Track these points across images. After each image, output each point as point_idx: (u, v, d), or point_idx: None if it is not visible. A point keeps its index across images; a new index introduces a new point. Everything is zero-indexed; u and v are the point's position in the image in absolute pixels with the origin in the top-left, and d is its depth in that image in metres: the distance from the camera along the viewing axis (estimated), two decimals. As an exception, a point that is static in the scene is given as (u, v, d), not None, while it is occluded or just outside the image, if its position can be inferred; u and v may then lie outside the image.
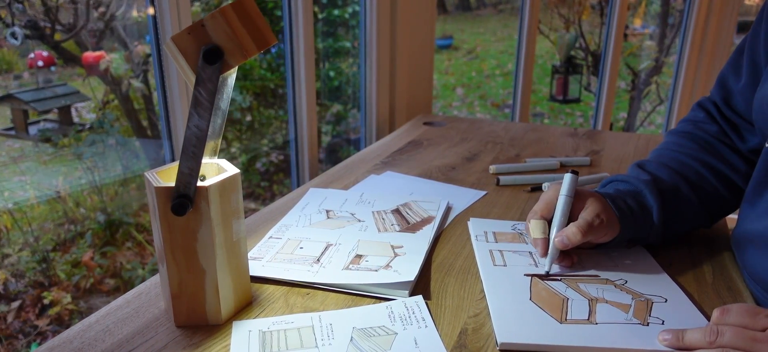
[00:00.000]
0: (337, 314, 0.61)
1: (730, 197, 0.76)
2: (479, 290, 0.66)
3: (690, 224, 0.77)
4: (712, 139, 0.79)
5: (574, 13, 3.65)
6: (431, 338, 0.58)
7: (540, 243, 0.69)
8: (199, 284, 0.58)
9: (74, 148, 1.94)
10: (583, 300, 0.63)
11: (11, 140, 1.88)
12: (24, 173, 1.82)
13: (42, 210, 1.84)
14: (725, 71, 0.80)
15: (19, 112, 1.87)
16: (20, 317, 1.69)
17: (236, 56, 0.51)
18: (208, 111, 0.51)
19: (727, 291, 0.66)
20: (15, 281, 1.72)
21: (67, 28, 1.90)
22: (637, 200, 0.72)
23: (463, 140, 1.26)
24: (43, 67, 2.14)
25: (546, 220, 0.71)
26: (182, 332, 0.58)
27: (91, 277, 1.89)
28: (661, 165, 0.77)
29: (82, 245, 1.90)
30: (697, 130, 0.81)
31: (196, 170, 0.53)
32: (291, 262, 0.70)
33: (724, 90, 0.80)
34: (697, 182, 0.75)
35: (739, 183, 0.76)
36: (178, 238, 0.56)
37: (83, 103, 2.06)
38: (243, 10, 0.51)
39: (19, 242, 1.74)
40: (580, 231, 0.66)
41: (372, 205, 0.88)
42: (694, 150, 0.78)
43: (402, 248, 0.74)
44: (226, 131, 2.30)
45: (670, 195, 0.73)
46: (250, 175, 2.51)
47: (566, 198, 0.69)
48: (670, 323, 0.59)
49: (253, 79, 2.48)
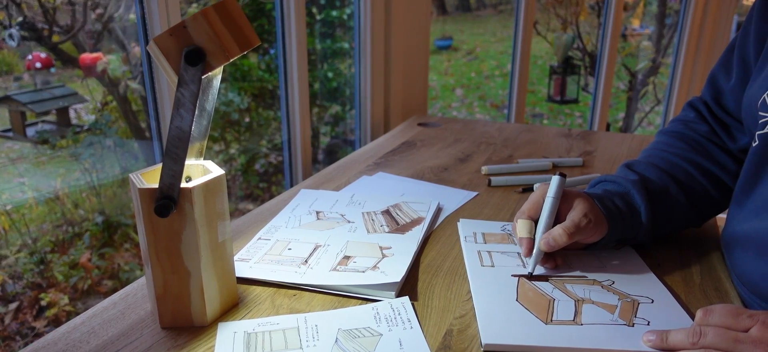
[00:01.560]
0: (322, 316, 0.61)
1: (720, 197, 0.76)
2: (466, 291, 0.66)
3: (679, 223, 0.76)
4: (702, 138, 0.78)
5: (571, 14, 3.65)
6: (416, 339, 0.58)
7: (525, 243, 0.69)
8: (184, 286, 0.58)
9: (72, 149, 1.94)
10: (569, 301, 0.63)
11: (9, 142, 1.88)
12: (22, 175, 1.82)
13: (40, 211, 1.84)
14: (716, 70, 0.80)
15: (17, 113, 1.87)
16: (18, 319, 1.70)
17: (218, 57, 0.51)
18: (191, 112, 0.51)
19: (714, 292, 0.66)
20: (13, 282, 1.72)
21: (64, 30, 1.90)
22: (625, 200, 0.72)
23: (457, 141, 1.26)
24: (41, 69, 2.15)
25: (532, 220, 0.71)
26: (167, 334, 0.58)
27: (89, 278, 1.89)
28: (649, 165, 0.77)
29: (80, 247, 1.91)
30: (687, 129, 0.80)
31: (179, 172, 0.53)
32: (279, 263, 0.70)
33: (714, 89, 0.80)
34: (686, 182, 0.75)
35: (729, 183, 0.76)
36: (162, 239, 0.56)
37: (82, 104, 2.06)
38: (225, 12, 0.51)
39: (18, 244, 1.74)
40: (566, 233, 0.66)
41: (362, 206, 0.88)
42: (684, 150, 0.78)
43: (390, 249, 0.74)
44: (226, 133, 2.30)
45: (659, 195, 0.73)
46: (248, 176, 2.51)
47: (553, 200, 0.69)
48: (655, 324, 0.59)
49: (251, 80, 2.48)
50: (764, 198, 0.64)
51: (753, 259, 0.64)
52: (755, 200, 0.66)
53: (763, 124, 0.64)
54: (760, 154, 0.65)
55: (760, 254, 0.63)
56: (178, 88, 0.51)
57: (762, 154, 0.65)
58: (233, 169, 2.48)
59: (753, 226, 0.65)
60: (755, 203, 0.66)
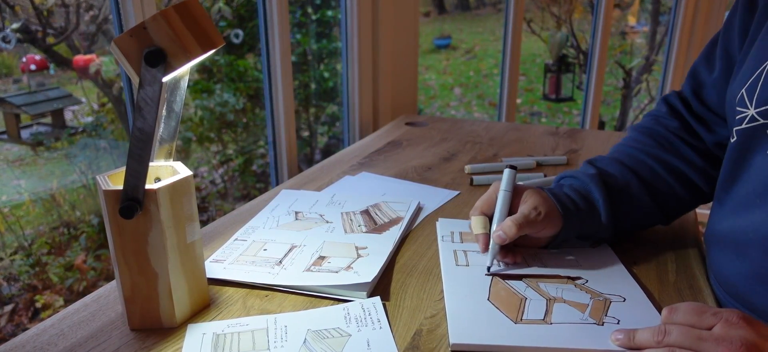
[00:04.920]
0: (293, 317, 0.61)
1: (686, 196, 0.75)
2: (439, 290, 0.66)
3: (642, 221, 0.76)
4: (671, 135, 0.77)
5: (565, 12, 3.64)
6: (384, 339, 0.57)
7: (481, 239, 0.70)
8: (151, 287, 0.58)
9: (66, 151, 1.94)
10: (541, 300, 0.62)
11: (7, 144, 1.88)
12: (18, 177, 1.83)
13: (37, 212, 1.85)
14: (698, 63, 0.79)
15: (12, 116, 1.88)
16: (13, 321, 1.70)
17: (180, 58, 0.51)
18: (152, 113, 0.51)
19: (688, 290, 0.66)
20: (8, 285, 1.72)
21: (59, 32, 1.90)
22: (583, 195, 0.72)
23: (443, 140, 1.26)
24: (35, 71, 2.15)
25: (487, 216, 0.71)
26: (135, 336, 0.58)
27: (84, 280, 1.89)
28: (613, 161, 0.76)
29: (75, 248, 1.91)
30: (657, 125, 0.80)
31: (143, 173, 0.53)
32: (253, 264, 0.70)
33: (695, 82, 0.78)
34: (650, 180, 0.74)
35: (697, 181, 0.75)
36: (128, 241, 0.56)
37: (77, 106, 2.06)
38: (186, 12, 0.51)
39: (13, 246, 1.74)
40: (515, 225, 0.66)
41: (342, 206, 0.88)
42: (651, 147, 0.77)
43: (366, 249, 0.74)
44: (223, 133, 2.31)
45: (619, 192, 0.73)
46: (245, 177, 2.51)
47: (505, 193, 0.69)
48: (626, 322, 0.58)
49: (247, 80, 2.48)
50: (742, 196, 0.63)
51: (730, 259, 0.63)
52: (733, 198, 0.65)
53: (741, 120, 0.63)
54: (738, 150, 0.64)
55: (736, 254, 0.62)
56: (139, 90, 0.51)
57: (740, 151, 0.64)
58: (230, 170, 2.48)
59: (730, 224, 0.64)
60: (733, 201, 0.65)
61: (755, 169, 0.61)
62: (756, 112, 0.61)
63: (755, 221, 0.59)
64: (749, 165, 0.62)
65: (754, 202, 0.60)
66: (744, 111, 0.63)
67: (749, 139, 0.62)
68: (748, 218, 0.61)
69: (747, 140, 0.62)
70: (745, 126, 0.62)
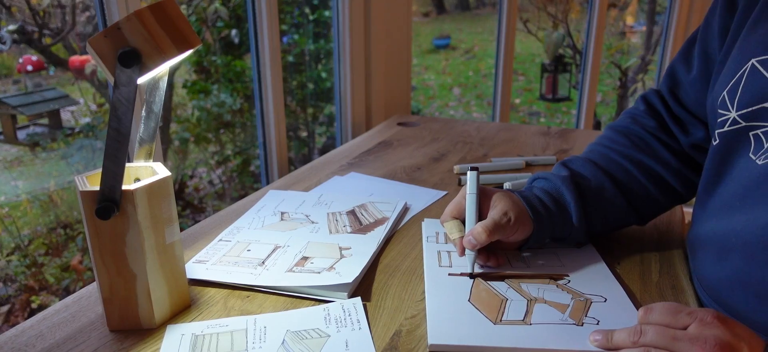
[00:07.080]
0: (272, 317, 0.61)
1: (661, 197, 0.75)
2: (421, 291, 0.66)
3: (616, 222, 0.75)
4: (646, 134, 0.77)
5: (562, 12, 3.63)
6: (363, 339, 0.57)
7: (458, 243, 0.69)
8: (130, 288, 0.58)
9: (63, 151, 1.94)
10: (522, 300, 0.62)
11: (4, 145, 1.89)
12: (15, 178, 1.83)
13: (35, 213, 1.85)
14: (675, 61, 0.78)
15: (8, 117, 1.88)
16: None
17: (154, 58, 0.51)
18: (128, 114, 0.51)
19: (670, 290, 0.66)
20: (4, 286, 1.72)
21: (55, 32, 1.90)
22: (554, 197, 0.71)
23: (434, 140, 1.26)
24: (32, 72, 2.15)
25: (459, 220, 0.71)
26: (114, 337, 0.58)
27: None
28: (587, 162, 0.75)
29: (72, 249, 1.91)
30: (633, 124, 0.78)
31: (120, 174, 0.53)
32: (236, 264, 0.70)
33: (672, 81, 0.77)
34: (624, 181, 0.73)
35: (672, 182, 0.74)
36: (106, 242, 0.55)
37: (74, 107, 2.06)
38: (161, 12, 0.51)
39: (10, 246, 1.74)
40: (485, 231, 0.66)
41: (329, 206, 0.88)
42: (626, 147, 0.76)
43: (350, 249, 0.73)
44: (221, 134, 2.31)
45: (592, 193, 0.72)
46: (243, 177, 2.51)
47: (472, 196, 0.69)
48: (605, 323, 0.58)
49: (244, 81, 2.48)
50: (723, 199, 0.62)
51: (712, 262, 0.62)
52: (715, 201, 0.64)
53: (723, 123, 0.63)
54: (720, 153, 0.63)
55: (718, 258, 0.61)
56: (114, 91, 0.51)
57: (722, 154, 0.63)
58: (228, 171, 2.48)
59: (712, 227, 0.63)
60: (715, 204, 0.64)
61: (737, 173, 0.60)
62: (737, 114, 0.60)
63: (737, 225, 0.59)
64: (731, 168, 0.62)
65: (736, 205, 0.60)
66: (725, 114, 0.62)
67: (731, 141, 0.61)
68: (730, 222, 0.60)
69: (729, 143, 0.62)
70: (727, 129, 0.62)
